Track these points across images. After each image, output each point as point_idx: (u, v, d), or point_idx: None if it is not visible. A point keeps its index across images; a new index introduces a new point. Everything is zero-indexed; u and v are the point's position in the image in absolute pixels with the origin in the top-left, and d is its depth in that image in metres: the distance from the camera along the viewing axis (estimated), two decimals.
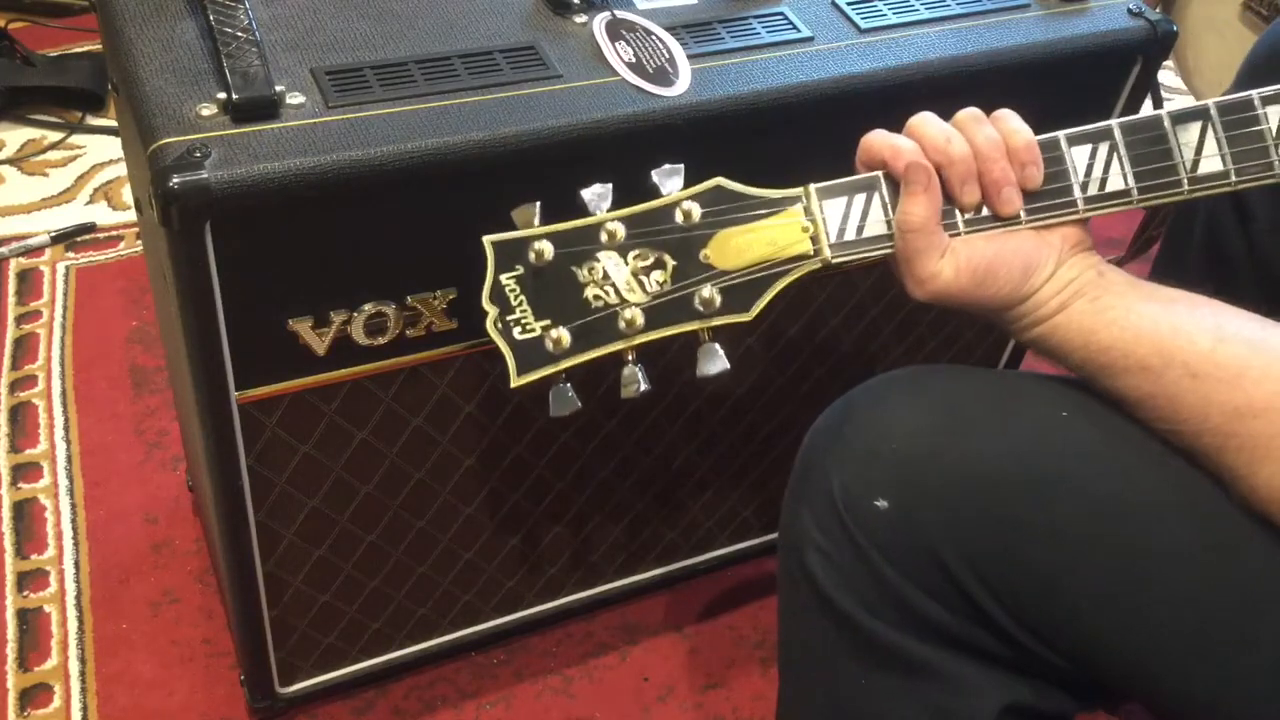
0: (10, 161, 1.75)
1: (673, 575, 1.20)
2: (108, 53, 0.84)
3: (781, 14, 0.91)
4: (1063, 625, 0.65)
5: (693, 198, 0.63)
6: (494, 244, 0.62)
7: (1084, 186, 0.67)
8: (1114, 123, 0.67)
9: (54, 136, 1.81)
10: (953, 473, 0.65)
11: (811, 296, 1.00)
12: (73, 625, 1.15)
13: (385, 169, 0.73)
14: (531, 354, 0.62)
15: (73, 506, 1.26)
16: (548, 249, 0.61)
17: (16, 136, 1.80)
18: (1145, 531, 0.63)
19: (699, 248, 0.63)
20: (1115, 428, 0.65)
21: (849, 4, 0.93)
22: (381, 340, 0.83)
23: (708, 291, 0.63)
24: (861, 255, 0.66)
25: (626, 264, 0.62)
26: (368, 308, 0.81)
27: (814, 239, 0.65)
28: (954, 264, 0.66)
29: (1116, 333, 0.63)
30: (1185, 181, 0.66)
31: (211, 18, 0.78)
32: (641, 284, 0.62)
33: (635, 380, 0.63)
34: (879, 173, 0.67)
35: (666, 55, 0.84)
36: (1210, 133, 0.66)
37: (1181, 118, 0.66)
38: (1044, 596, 0.65)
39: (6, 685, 1.10)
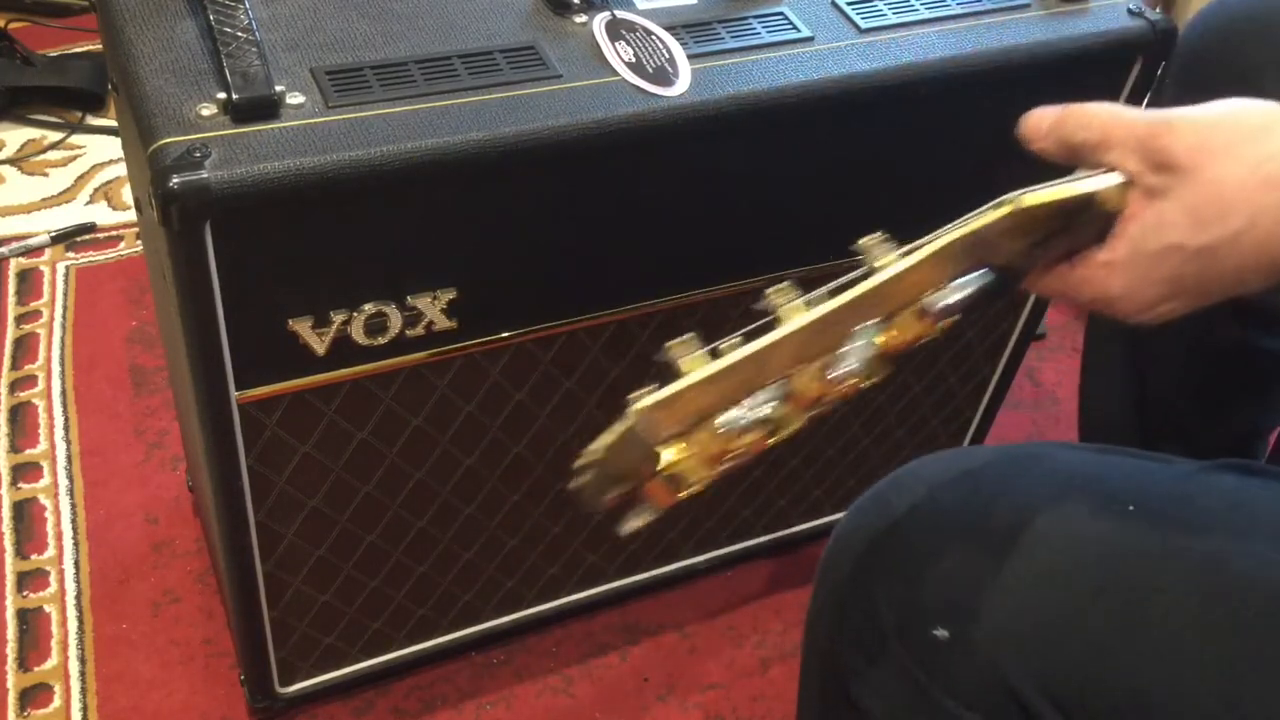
0: (10, 161, 1.75)
1: (673, 575, 1.20)
2: (108, 53, 0.84)
3: (781, 14, 0.91)
4: None
5: None
6: None
7: None
8: None
9: (54, 136, 1.80)
10: (1021, 594, 0.58)
11: None
12: (73, 625, 1.15)
13: (385, 169, 0.73)
14: None
15: (73, 506, 1.26)
16: None
17: (16, 136, 1.80)
18: (1246, 633, 0.56)
19: None
20: (1179, 517, 0.60)
21: (849, 4, 0.93)
22: (381, 340, 0.83)
23: None
24: None
25: None
26: (368, 308, 0.81)
27: None
28: None
29: None
30: None
31: (211, 18, 0.78)
32: None
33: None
34: None
35: (666, 55, 0.84)
36: None
37: None
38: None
39: (6, 685, 1.10)
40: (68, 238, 1.61)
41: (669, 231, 0.90)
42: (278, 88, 0.74)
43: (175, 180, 0.68)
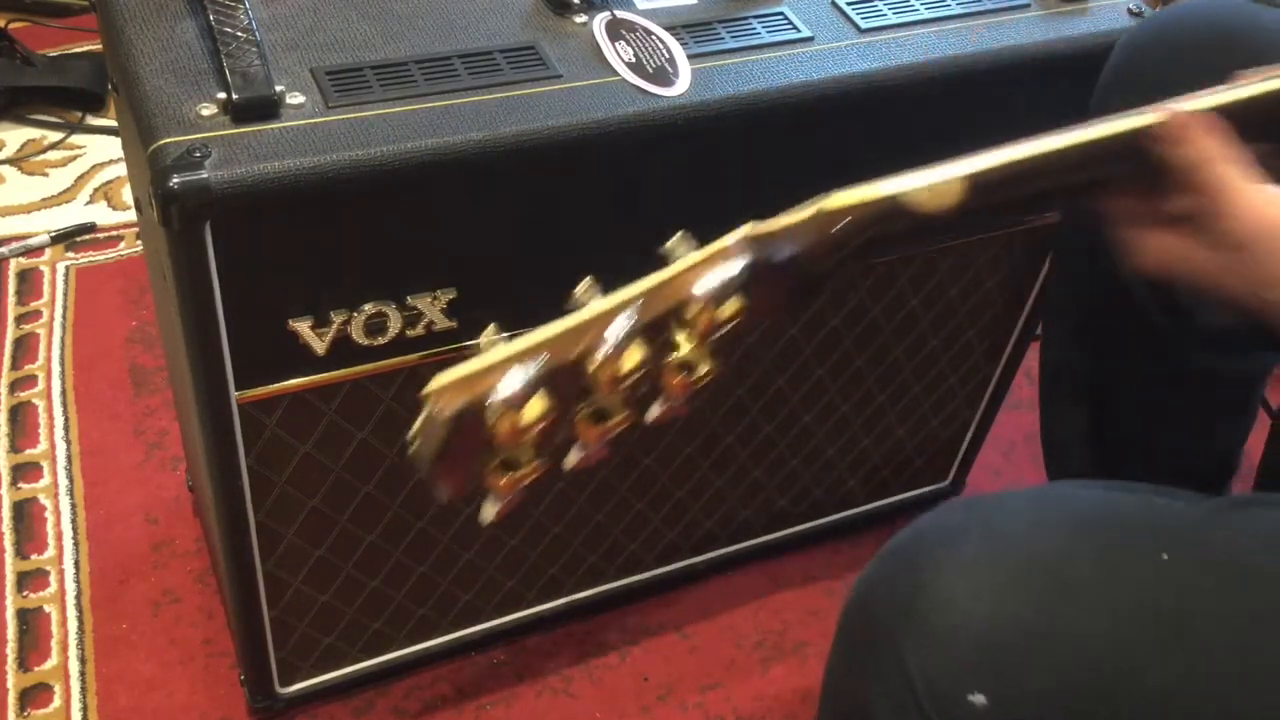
0: (10, 161, 1.75)
1: (673, 575, 1.20)
2: (108, 53, 0.84)
3: (781, 14, 0.91)
4: None
5: None
6: None
7: None
8: None
9: (54, 136, 1.80)
10: (1062, 658, 0.55)
11: None
12: (73, 625, 1.15)
13: (385, 169, 0.73)
14: None
15: (73, 506, 1.26)
16: None
17: (16, 136, 1.80)
18: None
19: None
20: (1222, 566, 0.58)
21: (849, 4, 0.93)
22: (381, 340, 0.83)
23: None
24: None
25: None
26: (368, 308, 0.81)
27: None
28: None
29: None
30: None
31: (211, 18, 0.78)
32: None
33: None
34: None
35: (666, 55, 0.84)
36: None
37: None
38: None
39: (6, 685, 1.10)
40: (68, 238, 1.61)
41: (669, 231, 0.90)
42: (278, 88, 0.74)
43: (175, 180, 0.68)
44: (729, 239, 0.54)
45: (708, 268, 0.52)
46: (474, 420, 0.47)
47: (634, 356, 0.50)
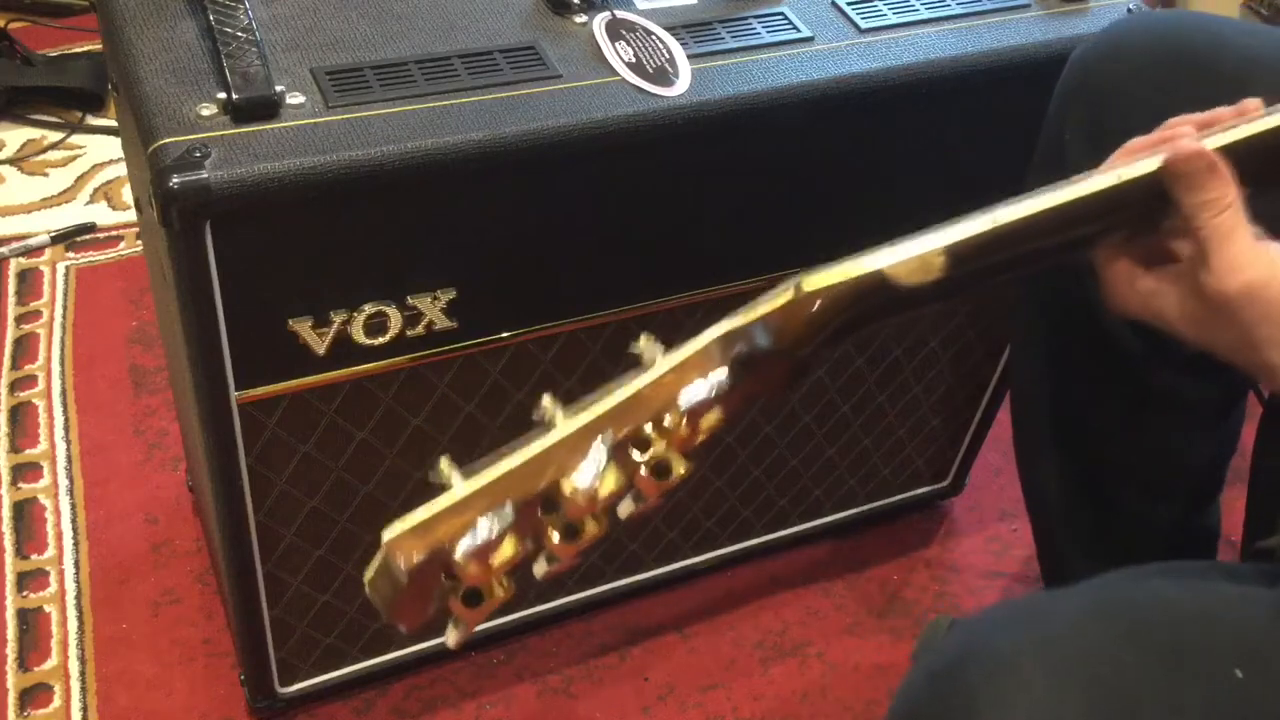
0: (10, 161, 1.75)
1: (673, 575, 1.20)
2: (108, 53, 0.84)
3: (781, 14, 0.91)
4: None
5: None
6: None
7: None
8: None
9: (54, 136, 1.80)
10: None
11: None
12: (73, 625, 1.15)
13: (385, 169, 0.73)
14: None
15: (73, 506, 1.26)
16: None
17: (16, 136, 1.80)
18: None
19: None
20: None
21: (849, 4, 0.93)
22: (381, 340, 0.83)
23: None
24: None
25: None
26: (368, 308, 0.81)
27: None
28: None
29: None
30: None
31: (211, 18, 0.78)
32: None
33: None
34: None
35: (666, 55, 0.84)
36: None
37: None
38: None
39: (6, 685, 1.10)
40: (68, 238, 1.61)
41: (669, 231, 0.90)
42: (278, 88, 0.74)
43: (175, 180, 0.68)
44: (706, 338, 0.51)
45: (689, 376, 0.49)
46: (438, 564, 0.44)
47: (611, 481, 0.46)
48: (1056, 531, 1.03)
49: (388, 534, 0.45)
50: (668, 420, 0.48)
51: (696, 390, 0.48)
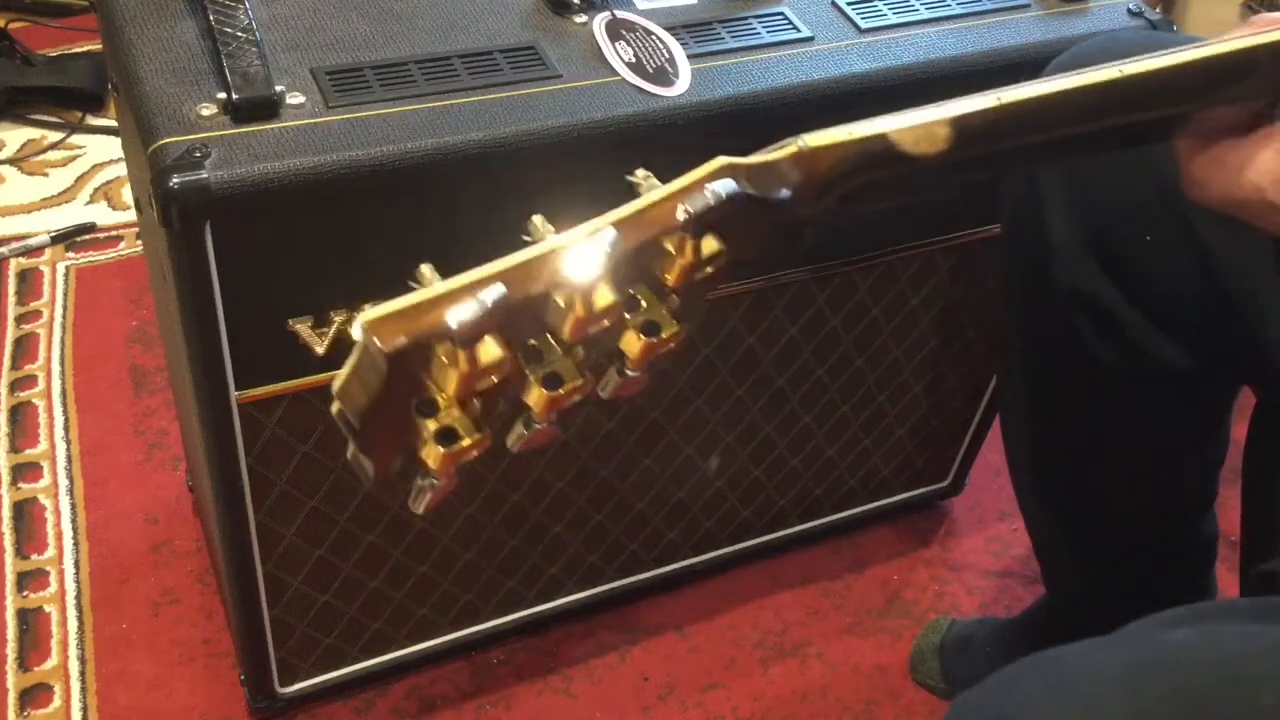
0: (10, 161, 1.75)
1: (673, 575, 1.20)
2: (108, 53, 0.84)
3: (781, 14, 0.91)
4: None
5: None
6: None
7: None
8: None
9: (54, 136, 1.80)
10: None
11: (812, 296, 1.00)
12: (73, 625, 1.15)
13: (385, 169, 0.73)
14: None
15: (73, 506, 1.26)
16: None
17: (16, 136, 1.80)
18: None
19: None
20: None
21: (849, 4, 0.93)
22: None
23: None
24: None
25: None
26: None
27: None
28: None
29: None
30: None
31: (211, 18, 0.78)
32: None
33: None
34: None
35: (666, 55, 0.84)
36: None
37: None
38: None
39: (6, 685, 1.10)
40: (68, 238, 1.61)
41: None
42: (278, 88, 0.74)
43: (175, 180, 0.68)
44: (707, 167, 0.48)
45: (691, 191, 0.46)
46: (416, 363, 0.39)
47: (605, 295, 0.42)
48: (1054, 548, 1.04)
49: (364, 317, 0.39)
50: (669, 243, 0.45)
51: (703, 196, 0.45)
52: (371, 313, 0.39)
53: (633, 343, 0.44)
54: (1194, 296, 0.77)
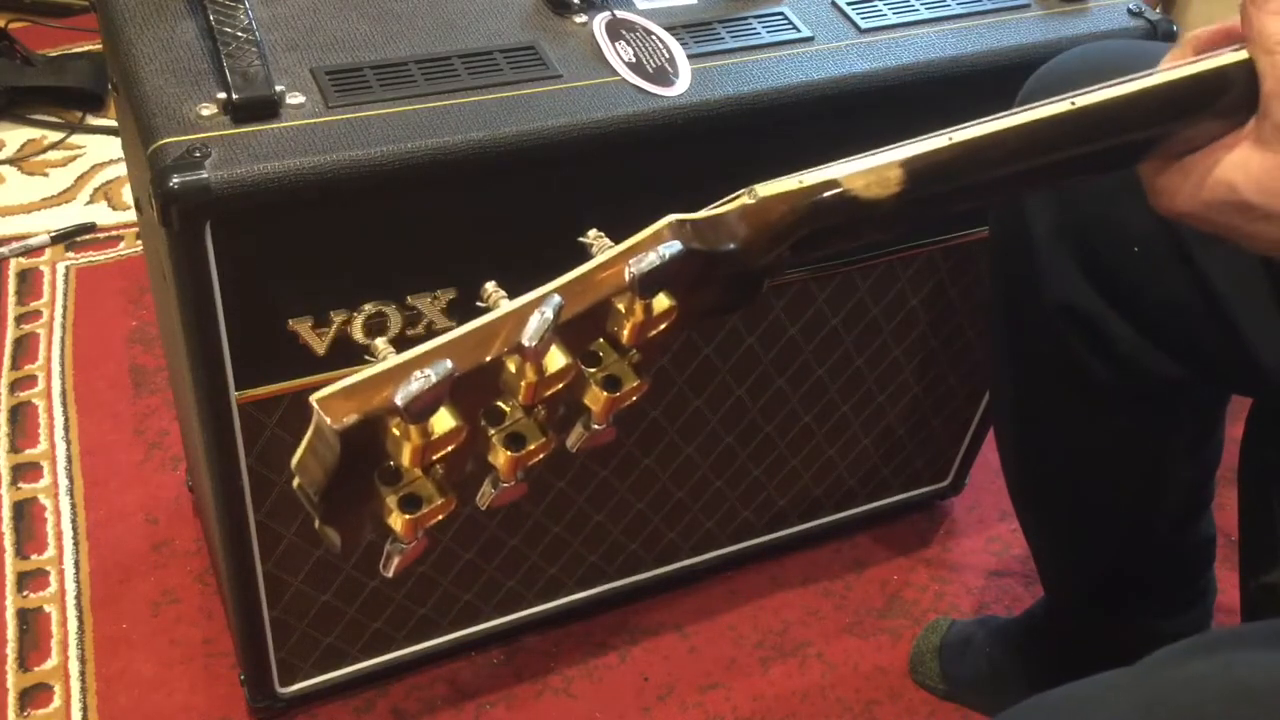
0: (10, 161, 1.75)
1: (673, 575, 1.20)
2: (108, 53, 0.84)
3: (781, 14, 0.91)
4: None
5: None
6: None
7: None
8: None
9: (54, 136, 1.80)
10: None
11: (812, 296, 1.00)
12: (73, 625, 1.15)
13: (385, 169, 0.73)
14: None
15: (73, 506, 1.26)
16: None
17: (16, 136, 1.80)
18: None
19: None
20: None
21: (849, 4, 0.93)
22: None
23: None
24: None
25: None
26: (368, 308, 0.81)
27: None
28: None
29: None
30: None
31: (211, 18, 0.78)
32: None
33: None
34: None
35: (666, 55, 0.84)
36: None
37: None
38: None
39: (6, 685, 1.10)
40: (68, 238, 1.61)
41: None
42: (278, 88, 0.74)
43: (175, 180, 0.68)
44: (655, 226, 0.48)
45: (638, 252, 0.45)
46: (370, 438, 0.40)
47: (558, 359, 0.42)
48: (1050, 552, 1.04)
49: (315, 395, 0.39)
50: (619, 304, 0.45)
51: (647, 259, 0.44)
52: (323, 391, 0.39)
53: (596, 397, 0.45)
54: (1184, 307, 0.77)
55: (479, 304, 0.44)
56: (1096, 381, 0.84)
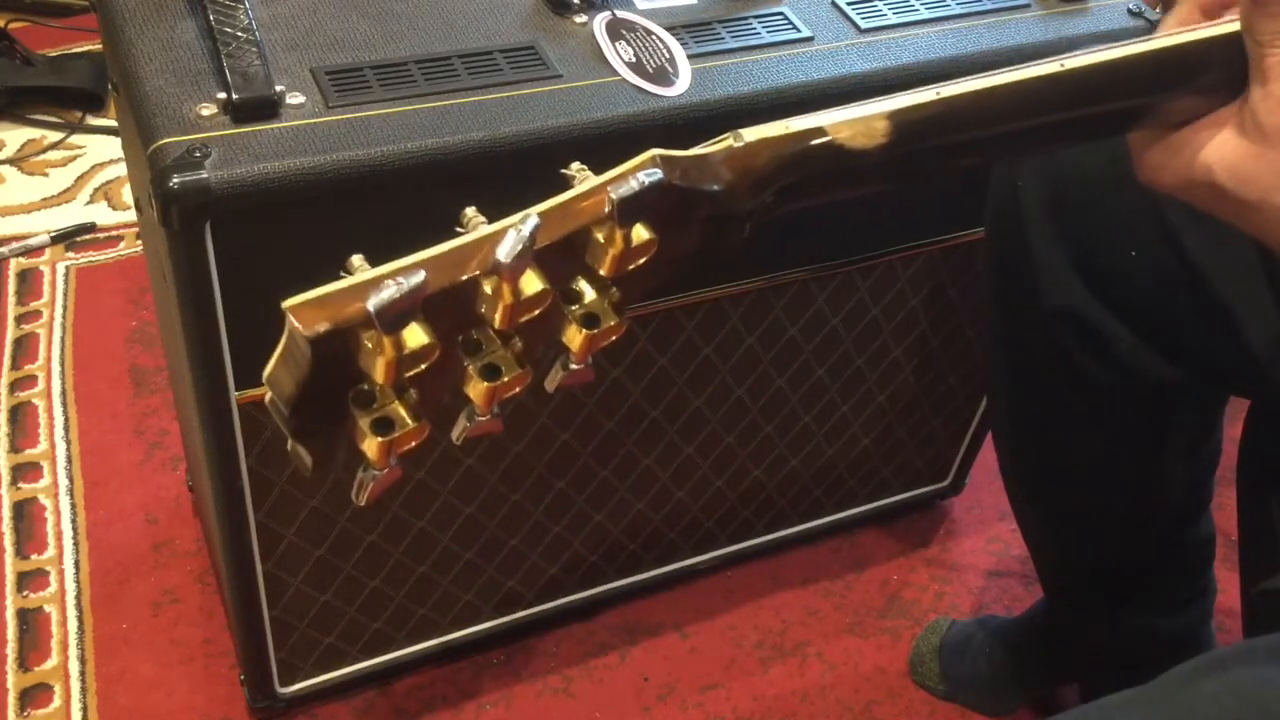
0: (10, 161, 1.75)
1: (673, 575, 1.20)
2: (108, 53, 0.84)
3: (781, 14, 0.91)
4: None
5: None
6: None
7: None
8: None
9: (54, 136, 1.80)
10: None
11: (812, 296, 1.00)
12: (73, 625, 1.15)
13: (385, 169, 0.73)
14: None
15: (73, 506, 1.26)
16: None
17: (16, 136, 1.80)
18: None
19: None
20: None
21: (849, 4, 0.93)
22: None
23: None
24: None
25: None
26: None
27: None
28: None
29: None
30: None
31: (211, 18, 0.78)
32: None
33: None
34: None
35: (666, 55, 0.84)
36: None
37: None
38: None
39: (6, 685, 1.10)
40: (68, 238, 1.61)
41: None
42: (278, 88, 0.74)
43: (175, 180, 0.68)
44: (638, 159, 0.48)
45: (619, 181, 0.45)
46: (343, 351, 0.39)
47: (534, 283, 0.42)
48: (1049, 554, 1.04)
49: (288, 301, 0.39)
50: (599, 233, 0.45)
51: (628, 184, 0.44)
52: (296, 299, 0.40)
53: (574, 336, 0.45)
54: (1181, 309, 0.77)
55: (458, 229, 0.45)
56: (1094, 383, 0.84)
